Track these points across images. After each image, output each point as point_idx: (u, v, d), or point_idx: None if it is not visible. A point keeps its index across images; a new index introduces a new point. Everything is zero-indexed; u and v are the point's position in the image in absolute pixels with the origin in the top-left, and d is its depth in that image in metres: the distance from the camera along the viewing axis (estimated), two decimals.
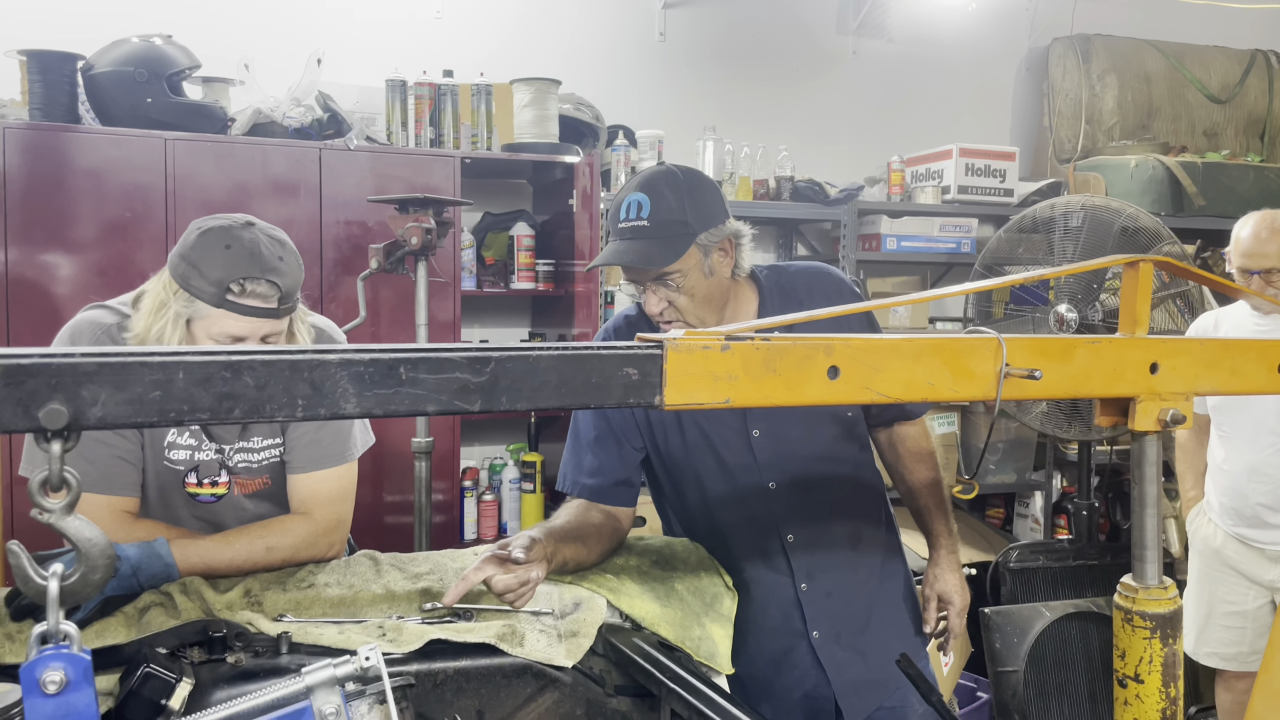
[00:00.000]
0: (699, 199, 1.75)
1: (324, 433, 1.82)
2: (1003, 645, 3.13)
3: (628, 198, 1.75)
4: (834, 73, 4.67)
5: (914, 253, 4.20)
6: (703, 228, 1.73)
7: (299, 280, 1.70)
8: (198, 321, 1.63)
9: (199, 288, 1.61)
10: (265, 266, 1.62)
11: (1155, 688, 1.18)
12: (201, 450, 1.77)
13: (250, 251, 1.62)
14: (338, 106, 3.32)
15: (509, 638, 1.42)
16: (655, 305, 1.76)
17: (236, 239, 1.62)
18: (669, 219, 1.71)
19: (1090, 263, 1.25)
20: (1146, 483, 1.20)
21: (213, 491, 1.78)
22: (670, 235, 1.71)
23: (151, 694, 1.19)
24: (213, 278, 1.60)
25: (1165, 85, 4.70)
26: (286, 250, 1.68)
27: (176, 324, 1.63)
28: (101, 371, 0.73)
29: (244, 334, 1.64)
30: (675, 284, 1.73)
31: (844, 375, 0.99)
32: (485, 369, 0.86)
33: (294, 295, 1.69)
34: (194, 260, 1.62)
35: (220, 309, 1.61)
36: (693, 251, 1.72)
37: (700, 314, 1.77)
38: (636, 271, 1.75)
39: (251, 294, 1.62)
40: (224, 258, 1.61)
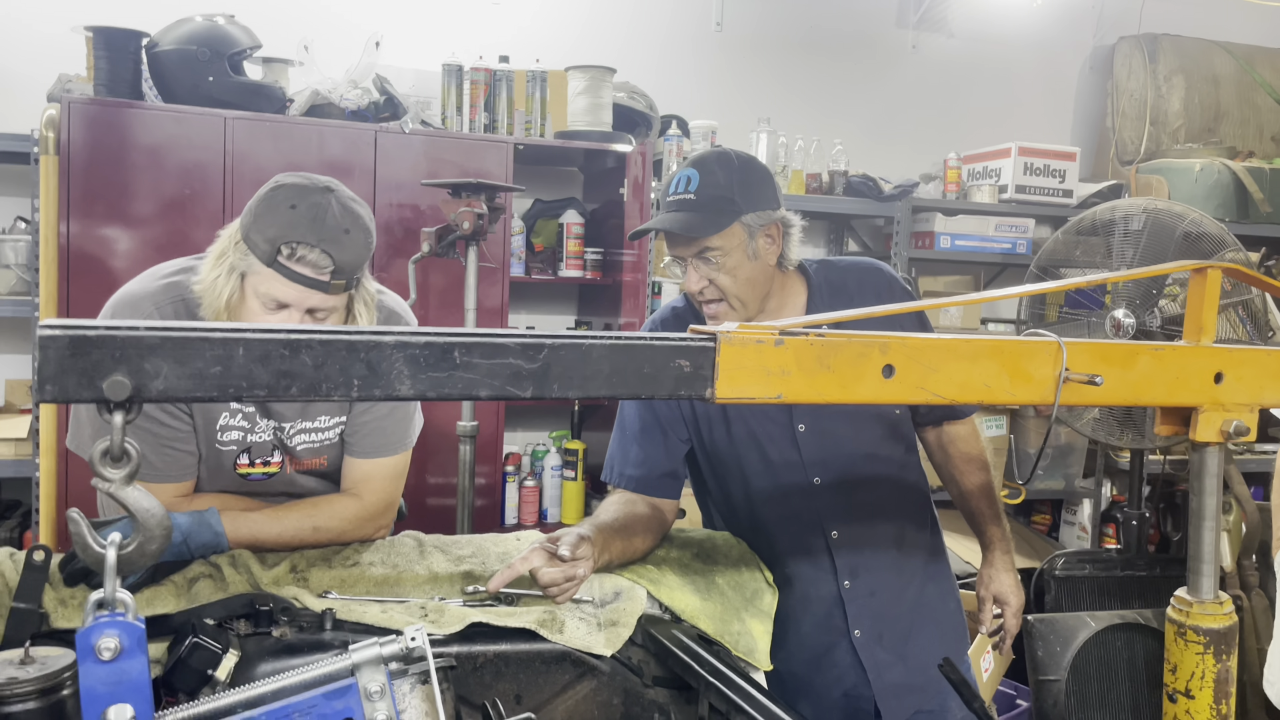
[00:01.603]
0: (749, 180, 1.75)
1: (389, 420, 1.78)
2: (1045, 653, 3.08)
3: (679, 173, 1.77)
4: (892, 67, 4.61)
5: (968, 252, 4.14)
6: (749, 208, 1.73)
7: (361, 259, 1.61)
8: (250, 277, 1.58)
9: (254, 242, 1.55)
10: (324, 235, 1.54)
11: (1206, 704, 1.16)
12: (255, 432, 1.73)
13: (314, 216, 1.55)
14: (394, 90, 3.35)
15: (549, 624, 1.42)
16: (696, 282, 1.76)
17: (305, 199, 1.55)
18: (715, 194, 1.71)
19: (1155, 268, 1.22)
20: (1206, 495, 1.17)
21: (264, 470, 1.77)
22: (715, 210, 1.71)
23: (199, 664, 1.21)
24: (268, 234, 1.54)
25: (1234, 88, 4.58)
26: (357, 225, 1.59)
27: (231, 276, 1.58)
28: (164, 345, 0.74)
29: (289, 300, 1.57)
30: (717, 261, 1.73)
31: (899, 374, 0.98)
32: (538, 356, 0.86)
33: (351, 273, 1.60)
34: (258, 213, 1.56)
35: (269, 269, 1.55)
36: (736, 230, 1.72)
37: (742, 296, 1.76)
38: (680, 246, 1.75)
39: (302, 260, 1.55)
40: (285, 217, 1.54)
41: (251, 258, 1.56)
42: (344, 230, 1.57)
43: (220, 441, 1.71)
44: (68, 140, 2.97)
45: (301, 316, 1.59)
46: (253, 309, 1.59)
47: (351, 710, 0.91)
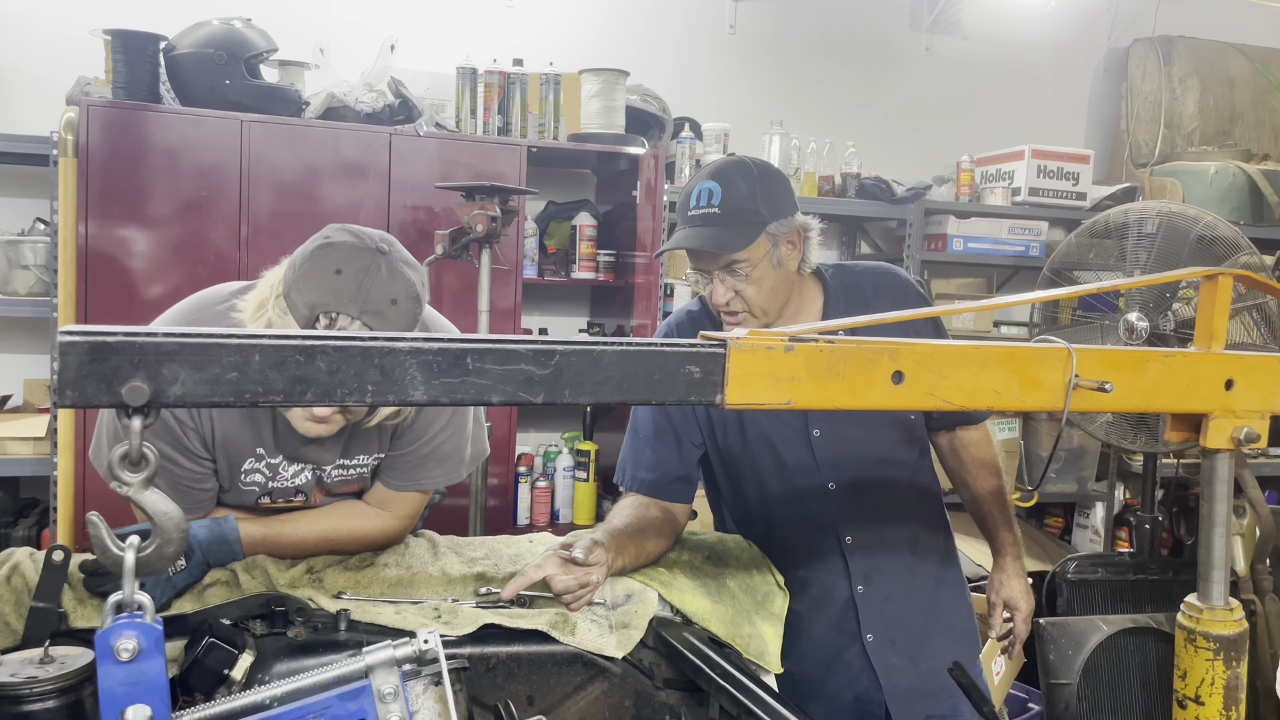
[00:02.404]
0: (770, 189, 1.74)
1: (431, 459, 1.68)
2: (1057, 657, 3.07)
3: (699, 185, 1.74)
4: (906, 69, 4.60)
5: (981, 254, 4.14)
6: (773, 218, 1.72)
7: (407, 324, 1.45)
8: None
9: (294, 302, 1.41)
10: (367, 308, 1.39)
11: (1216, 710, 1.16)
12: (278, 480, 1.64)
13: (359, 284, 1.39)
14: (409, 92, 3.37)
15: (561, 626, 1.43)
16: (722, 295, 1.74)
17: (352, 264, 1.40)
18: (741, 206, 1.70)
19: (1166, 274, 1.22)
20: (1216, 501, 1.17)
21: (287, 506, 1.69)
22: (741, 223, 1.70)
23: (215, 664, 1.23)
24: (308, 299, 1.40)
25: (1249, 90, 4.56)
26: (407, 294, 1.44)
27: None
28: (182, 351, 0.75)
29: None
30: (744, 273, 1.72)
31: (909, 381, 0.98)
32: (550, 362, 0.87)
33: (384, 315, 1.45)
34: (301, 272, 1.42)
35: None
36: (763, 241, 1.71)
37: (765, 305, 1.76)
38: (705, 259, 1.74)
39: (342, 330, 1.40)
40: (328, 282, 1.39)
41: (289, 318, 1.41)
42: (390, 301, 1.41)
43: (243, 483, 1.64)
44: (86, 143, 3.00)
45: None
46: None
47: (365, 711, 0.92)
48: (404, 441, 1.66)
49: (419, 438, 1.67)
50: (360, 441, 1.64)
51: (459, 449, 1.72)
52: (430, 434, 1.67)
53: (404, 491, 1.69)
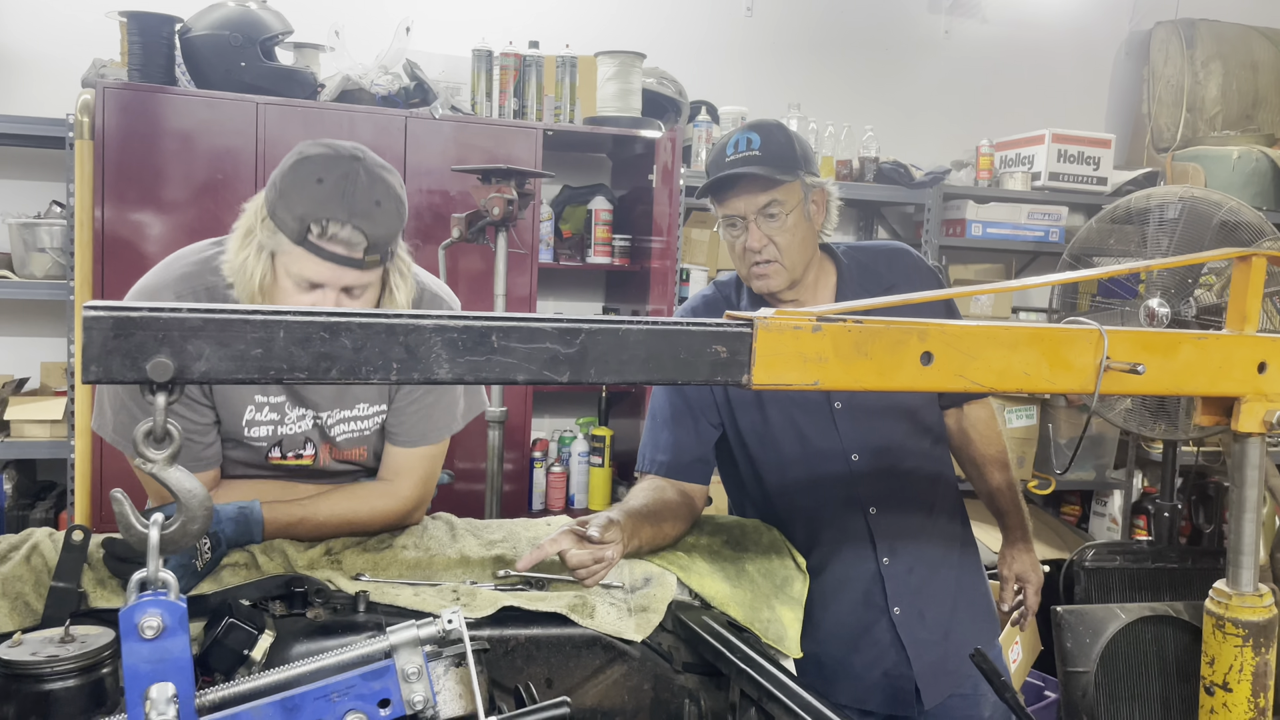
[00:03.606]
0: (805, 147, 1.82)
1: (436, 408, 1.71)
2: (1074, 645, 3.05)
3: (736, 135, 1.79)
4: (925, 52, 4.56)
5: (999, 240, 4.10)
6: (808, 169, 1.79)
7: (394, 231, 1.52)
8: (280, 256, 1.49)
9: (282, 220, 1.46)
10: (354, 210, 1.45)
11: (1244, 697, 1.15)
12: (285, 424, 1.67)
13: (342, 190, 1.45)
14: (424, 75, 3.35)
15: (580, 609, 1.43)
16: (758, 240, 1.77)
17: (332, 172, 1.46)
18: (780, 152, 1.76)
19: (1196, 256, 1.20)
20: (1247, 486, 1.16)
21: (298, 463, 1.72)
22: (782, 163, 1.76)
23: (234, 644, 1.22)
24: (296, 212, 1.45)
25: (1273, 74, 4.50)
26: (389, 195, 1.49)
27: (260, 256, 1.49)
28: (207, 327, 0.74)
29: (323, 280, 1.49)
30: (780, 217, 1.76)
31: (938, 362, 0.97)
32: (575, 340, 0.86)
33: (384, 246, 1.51)
34: (283, 188, 1.47)
35: (299, 248, 1.46)
36: (798, 187, 1.77)
37: (795, 258, 1.79)
38: (743, 200, 1.76)
39: (334, 238, 1.45)
40: (312, 192, 1.45)
41: (280, 236, 1.47)
42: (375, 202, 1.47)
43: (249, 438, 1.66)
44: (102, 125, 3.00)
45: (337, 295, 1.51)
46: (286, 289, 1.51)
47: (389, 691, 0.91)
48: (404, 391, 1.70)
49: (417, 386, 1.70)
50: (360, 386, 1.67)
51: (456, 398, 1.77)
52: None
53: (415, 448, 1.71)
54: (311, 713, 0.87)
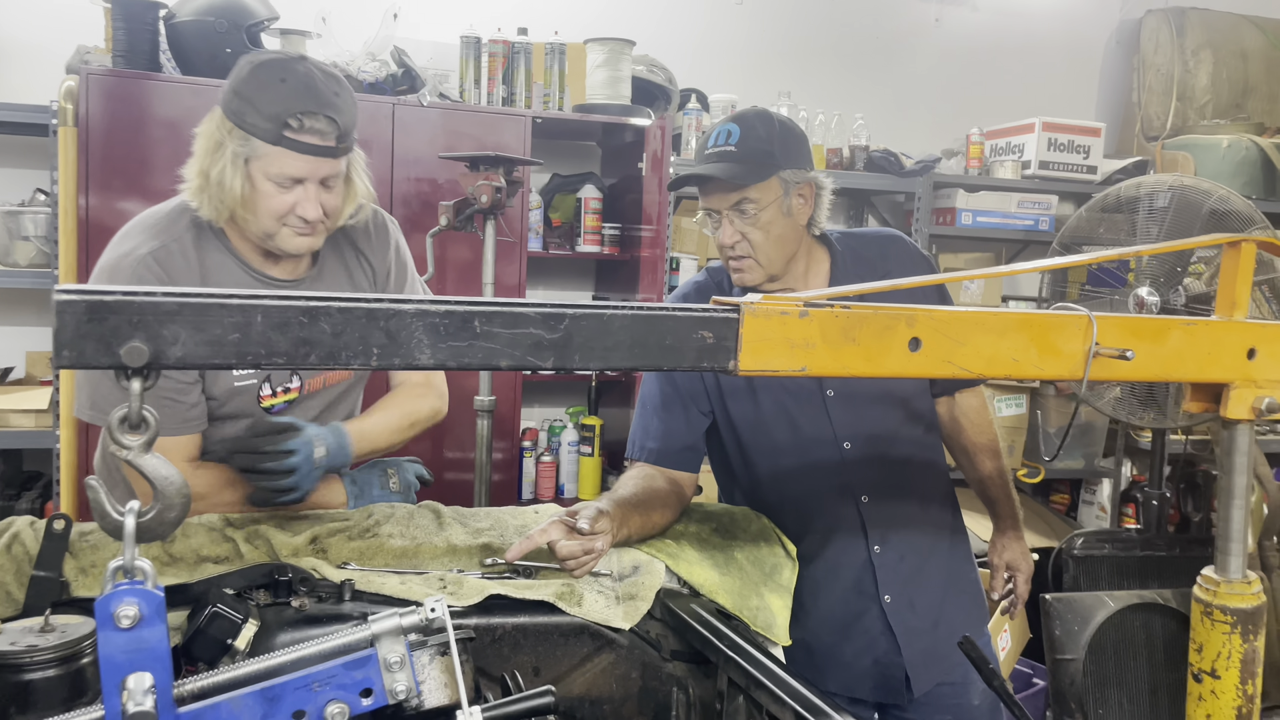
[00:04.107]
0: (788, 140, 1.78)
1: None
2: (1063, 633, 3.07)
3: (719, 127, 1.78)
4: (915, 41, 4.55)
5: (989, 229, 4.10)
6: (788, 165, 1.75)
7: (355, 117, 1.64)
8: (255, 162, 1.57)
9: (254, 124, 1.54)
10: (322, 101, 1.56)
11: (1233, 684, 1.14)
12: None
13: (306, 85, 1.55)
14: (412, 62, 3.33)
15: (568, 597, 1.42)
16: (729, 236, 1.76)
17: (292, 72, 1.56)
18: (757, 148, 1.74)
19: (1185, 241, 1.19)
20: (1235, 473, 1.15)
21: (285, 399, 1.77)
22: (755, 162, 1.73)
23: (218, 633, 1.21)
24: (268, 112, 1.53)
25: (1263, 63, 4.50)
26: (342, 86, 1.62)
27: (236, 165, 1.57)
28: (182, 312, 0.73)
29: (303, 174, 1.58)
30: (752, 214, 1.74)
31: (925, 348, 0.96)
32: (559, 326, 0.84)
33: (351, 133, 1.63)
34: (248, 95, 1.55)
35: (278, 147, 1.55)
36: (774, 184, 1.75)
37: (771, 254, 1.77)
38: (716, 197, 1.76)
39: (310, 130, 1.56)
40: (280, 91, 1.54)
41: (254, 141, 1.55)
42: (334, 93, 1.58)
43: (239, 378, 1.71)
44: (86, 112, 2.97)
45: (316, 189, 1.61)
46: (265, 193, 1.60)
47: (371, 681, 0.90)
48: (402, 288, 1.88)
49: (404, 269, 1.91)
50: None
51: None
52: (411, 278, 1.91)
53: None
54: (292, 702, 0.86)
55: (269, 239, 1.66)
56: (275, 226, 1.63)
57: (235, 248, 1.72)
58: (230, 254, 1.71)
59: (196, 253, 1.68)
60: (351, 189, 1.70)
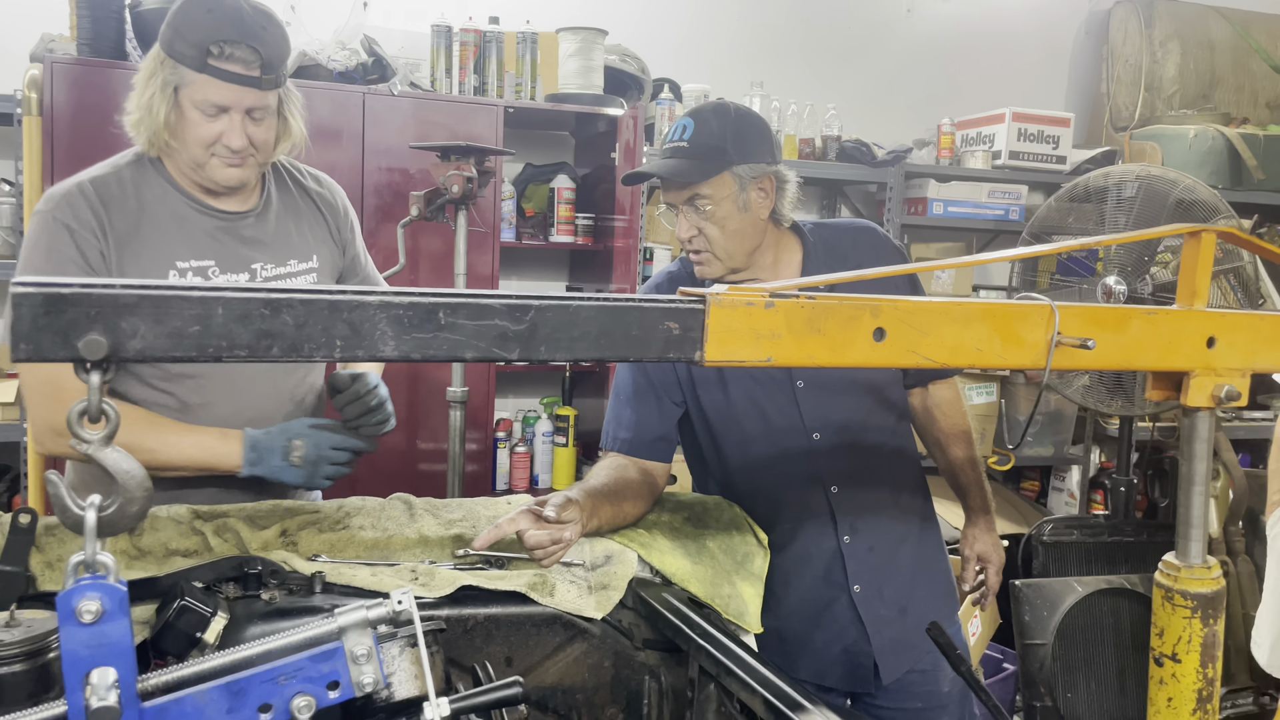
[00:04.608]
0: (744, 132, 1.76)
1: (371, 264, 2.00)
2: (1032, 618, 3.10)
3: (677, 121, 1.79)
4: (887, 31, 4.56)
5: (960, 218, 4.13)
6: (742, 160, 1.74)
7: (283, 53, 1.70)
8: (183, 90, 1.64)
9: (181, 52, 1.62)
10: (246, 31, 1.62)
11: (1193, 668, 1.16)
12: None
13: (233, 16, 1.62)
14: (382, 51, 3.30)
15: (540, 587, 1.42)
16: (685, 230, 1.78)
17: (219, 4, 1.63)
18: (708, 143, 1.73)
19: (1149, 231, 1.21)
20: (1196, 460, 1.17)
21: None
22: (705, 158, 1.73)
23: (187, 627, 1.21)
24: (193, 39, 1.61)
25: (1229, 54, 4.55)
26: (271, 21, 1.68)
27: (165, 93, 1.64)
28: (141, 304, 0.72)
29: (227, 102, 1.64)
30: (706, 210, 1.74)
31: (890, 338, 0.97)
32: (525, 317, 0.84)
33: (278, 68, 1.68)
34: (177, 24, 1.63)
35: (203, 74, 1.62)
36: (727, 180, 1.74)
37: (729, 248, 1.77)
38: (670, 192, 1.77)
39: (233, 59, 1.62)
40: (205, 20, 1.62)
41: (181, 68, 1.62)
42: (261, 26, 1.65)
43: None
44: (51, 101, 2.93)
45: (242, 119, 1.66)
46: (193, 121, 1.65)
47: (338, 673, 0.90)
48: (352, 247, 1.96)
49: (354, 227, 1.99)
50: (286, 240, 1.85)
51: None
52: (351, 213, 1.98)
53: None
54: (258, 696, 0.86)
55: (199, 169, 1.71)
56: (203, 155, 1.69)
57: (178, 181, 1.76)
58: (172, 186, 1.76)
59: (136, 184, 1.74)
60: (286, 127, 1.77)
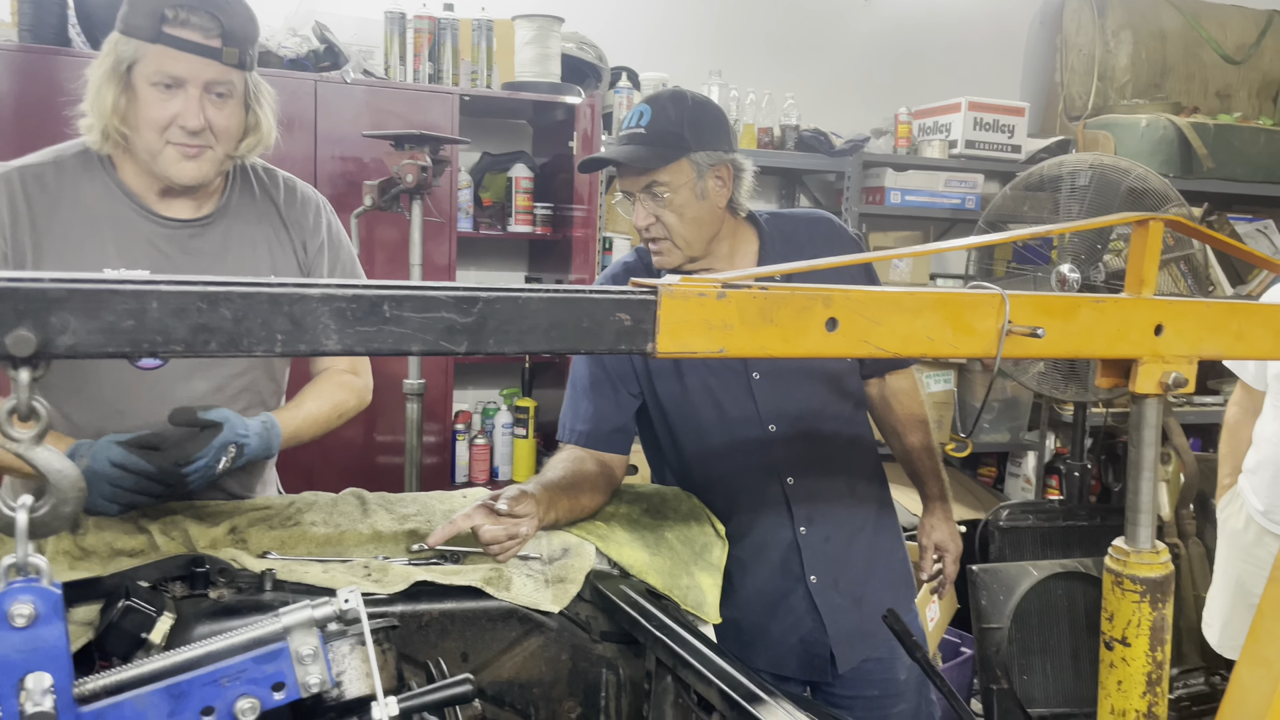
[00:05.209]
0: (701, 120, 1.75)
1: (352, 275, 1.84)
2: (989, 602, 3.14)
3: (634, 108, 1.77)
4: (845, 20, 4.57)
5: (918, 207, 4.15)
6: (699, 147, 1.74)
7: (248, 30, 1.59)
8: (137, 67, 1.53)
9: (135, 24, 1.52)
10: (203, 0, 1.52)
11: (1142, 651, 1.18)
12: None
13: None
14: (334, 38, 3.25)
15: (495, 581, 1.41)
16: (643, 218, 1.76)
17: None
18: (666, 130, 1.72)
19: (1099, 220, 1.22)
20: (1144, 446, 1.18)
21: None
22: (663, 144, 1.72)
23: (132, 627, 1.18)
24: (147, 8, 1.51)
25: (1180, 43, 4.61)
26: None
27: (115, 73, 1.54)
28: (72, 298, 0.70)
29: (182, 74, 1.52)
30: (664, 197, 1.73)
31: (842, 328, 0.97)
32: (473, 309, 0.83)
33: (243, 44, 1.57)
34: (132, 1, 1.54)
35: (156, 44, 1.51)
36: (684, 166, 1.73)
37: (687, 236, 1.76)
38: (628, 179, 1.76)
39: (189, 24, 1.51)
40: None
41: (135, 42, 1.52)
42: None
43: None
44: None
45: (200, 97, 1.54)
46: (146, 101, 1.54)
47: (283, 674, 0.88)
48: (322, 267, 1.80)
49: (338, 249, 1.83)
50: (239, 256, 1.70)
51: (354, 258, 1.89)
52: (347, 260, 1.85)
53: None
54: (200, 698, 0.84)
55: (154, 159, 1.58)
56: (158, 143, 1.56)
57: (126, 182, 1.64)
58: (117, 186, 1.64)
59: (75, 178, 1.62)
60: (255, 122, 1.65)
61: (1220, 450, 2.96)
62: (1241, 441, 2.82)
